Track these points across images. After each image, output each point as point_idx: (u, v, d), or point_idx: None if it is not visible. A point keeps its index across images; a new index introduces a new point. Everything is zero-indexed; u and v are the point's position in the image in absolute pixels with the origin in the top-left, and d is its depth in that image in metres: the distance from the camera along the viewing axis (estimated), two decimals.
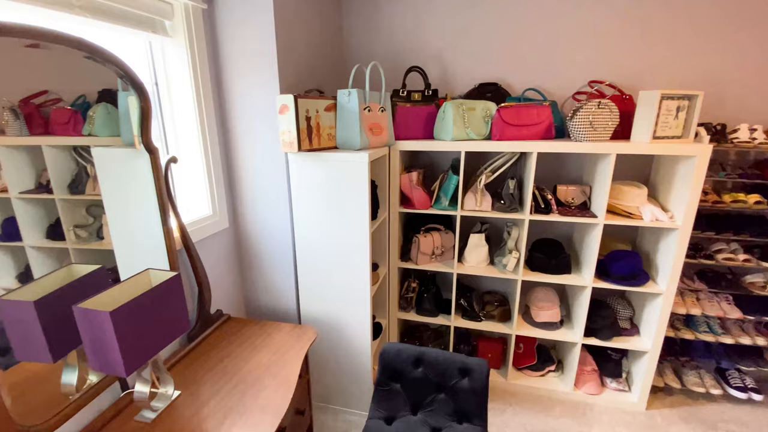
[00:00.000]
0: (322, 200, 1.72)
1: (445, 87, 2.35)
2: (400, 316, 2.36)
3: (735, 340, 2.05)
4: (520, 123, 1.90)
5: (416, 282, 2.39)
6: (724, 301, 2.08)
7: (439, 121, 2.01)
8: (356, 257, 1.76)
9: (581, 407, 2.15)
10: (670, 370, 2.26)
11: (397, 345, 1.58)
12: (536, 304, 2.22)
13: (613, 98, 1.92)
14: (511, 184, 2.06)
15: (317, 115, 1.67)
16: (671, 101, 1.71)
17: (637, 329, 2.14)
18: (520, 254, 2.08)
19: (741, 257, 1.96)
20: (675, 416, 2.09)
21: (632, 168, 2.17)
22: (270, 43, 1.60)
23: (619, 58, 2.09)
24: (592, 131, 1.80)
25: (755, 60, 1.95)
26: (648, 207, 1.87)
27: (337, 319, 1.90)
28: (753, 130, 1.89)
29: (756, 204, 1.88)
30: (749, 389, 2.11)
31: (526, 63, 2.21)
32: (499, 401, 2.20)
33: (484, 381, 1.44)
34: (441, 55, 2.30)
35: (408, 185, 2.11)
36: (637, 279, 1.97)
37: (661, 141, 1.75)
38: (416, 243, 2.20)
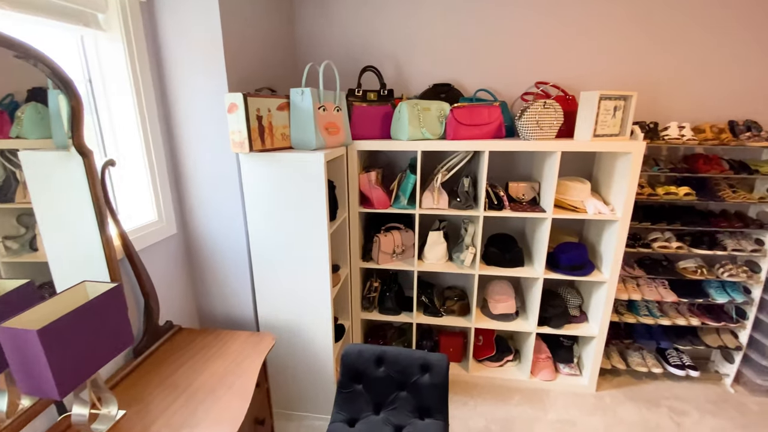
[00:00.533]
0: (278, 202, 1.68)
1: (400, 87, 2.36)
2: (364, 316, 2.35)
3: (672, 321, 2.23)
4: (472, 123, 1.95)
5: (378, 281, 2.39)
6: (661, 286, 2.26)
7: (395, 121, 2.02)
8: (315, 259, 1.73)
9: (538, 394, 2.25)
10: (616, 353, 2.42)
11: (358, 346, 1.57)
12: (493, 297, 2.29)
13: (557, 99, 2.02)
14: (465, 182, 2.12)
15: (269, 114, 1.62)
16: (609, 101, 1.83)
17: (586, 316, 2.28)
18: (477, 250, 2.14)
19: (674, 245, 2.14)
20: (622, 396, 2.24)
21: (577, 164, 2.31)
22: (216, 40, 1.54)
23: (563, 60, 2.21)
24: (538, 130, 1.88)
25: (682, 64, 2.13)
26: (591, 201, 1.99)
27: (297, 323, 1.86)
28: (681, 128, 2.07)
29: (686, 195, 2.06)
30: (686, 366, 2.30)
31: (478, 64, 2.28)
32: (461, 394, 2.25)
33: (444, 376, 1.47)
34: (396, 55, 2.32)
35: (367, 185, 2.10)
36: (584, 269, 2.09)
37: (601, 139, 1.87)
38: (377, 242, 2.20)
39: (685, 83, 2.16)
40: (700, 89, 2.16)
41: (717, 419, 2.07)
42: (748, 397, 2.24)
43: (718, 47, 2.09)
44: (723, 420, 2.07)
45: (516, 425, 2.02)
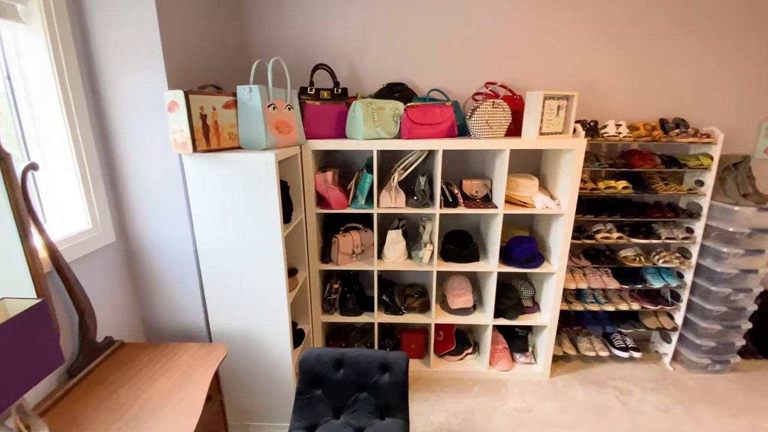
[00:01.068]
0: (227, 205, 1.60)
1: (354, 86, 2.35)
2: (324, 319, 2.31)
3: (615, 307, 2.39)
4: (425, 122, 1.98)
5: (338, 283, 2.36)
6: (605, 275, 2.41)
7: (350, 120, 2.00)
8: (270, 264, 1.68)
9: (496, 384, 2.32)
10: (567, 340, 2.56)
11: (317, 350, 1.54)
12: (452, 292, 2.34)
13: (506, 99, 2.09)
14: (422, 181, 2.14)
15: (215, 112, 1.55)
16: (553, 101, 1.92)
17: (538, 306, 2.38)
18: (434, 247, 2.17)
19: (615, 235, 2.28)
20: (573, 380, 2.37)
21: (525, 161, 2.41)
22: (152, 33, 1.44)
23: (511, 61, 2.29)
24: (488, 129, 1.94)
25: (618, 66, 2.28)
26: (539, 196, 2.09)
27: (253, 331, 1.79)
28: (618, 126, 2.21)
29: (624, 189, 2.21)
30: (630, 348, 2.47)
31: (430, 65, 2.31)
32: (424, 389, 2.28)
33: (403, 374, 1.47)
34: (349, 54, 2.30)
35: (323, 185, 2.07)
36: (535, 261, 2.19)
37: (546, 137, 1.96)
38: (336, 243, 2.17)
39: (621, 84, 2.32)
40: (635, 90, 2.33)
41: (658, 396, 2.24)
42: (685, 373, 2.44)
43: (650, 52, 2.26)
44: (663, 396, 2.24)
45: (476, 416, 2.07)
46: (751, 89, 2.32)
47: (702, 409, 2.13)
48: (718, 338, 2.35)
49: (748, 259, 2.20)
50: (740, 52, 2.26)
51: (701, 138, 2.14)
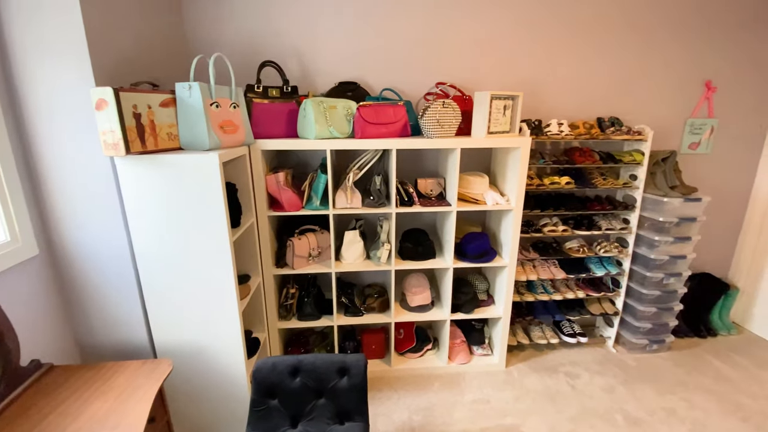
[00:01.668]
0: (168, 210, 1.49)
1: (305, 84, 2.29)
2: (282, 325, 2.24)
3: (563, 296, 2.52)
4: (379, 121, 1.97)
5: (295, 287, 2.30)
6: (553, 266, 2.54)
7: (301, 119, 1.95)
8: (218, 271, 1.59)
9: (456, 378, 2.37)
10: (520, 330, 2.66)
11: (271, 359, 1.48)
12: (410, 290, 2.35)
13: (455, 98, 2.14)
14: (377, 181, 2.13)
15: (150, 111, 1.44)
16: (499, 101, 1.99)
17: (493, 299, 2.46)
18: (392, 246, 2.17)
19: (560, 228, 2.41)
20: (527, 368, 2.47)
21: (476, 160, 2.48)
22: (75, 22, 1.31)
23: (461, 62, 2.34)
24: (439, 128, 1.97)
25: (560, 67, 2.41)
26: (490, 193, 2.15)
27: (202, 344, 1.69)
28: (561, 124, 2.33)
29: (567, 184, 2.33)
30: (577, 334, 2.62)
31: (383, 64, 2.30)
32: (386, 389, 2.27)
33: (362, 376, 1.45)
34: (300, 51, 2.24)
35: (275, 186, 2.00)
36: (488, 256, 2.25)
37: (494, 136, 2.03)
38: (291, 247, 2.11)
39: (563, 85, 2.45)
40: (575, 90, 2.47)
41: (603, 377, 2.39)
42: (627, 354, 2.63)
43: (588, 55, 2.40)
44: (608, 377, 2.39)
45: (436, 412, 2.10)
46: (676, 90, 2.55)
47: (642, 388, 2.30)
48: (654, 320, 2.55)
49: (677, 245, 2.41)
50: (667, 57, 2.47)
51: (634, 135, 2.31)
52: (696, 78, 2.54)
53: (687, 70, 2.52)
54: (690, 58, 2.49)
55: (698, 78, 2.54)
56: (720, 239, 2.94)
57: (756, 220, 2.83)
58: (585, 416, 2.08)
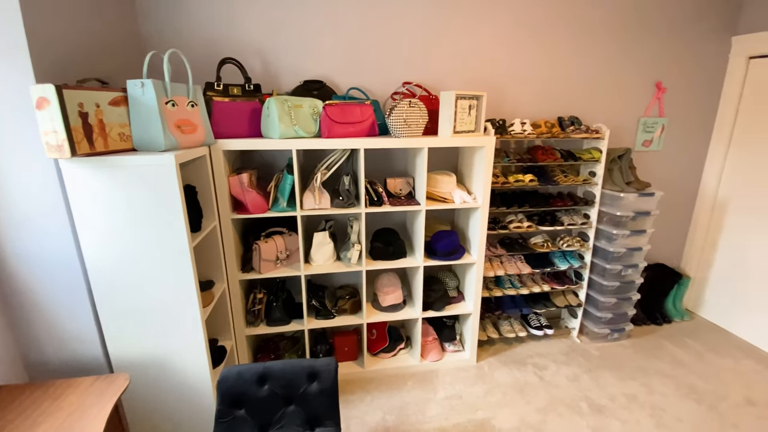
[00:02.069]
0: (120, 216, 1.40)
1: (269, 82, 2.23)
2: (250, 332, 2.17)
3: (529, 290, 2.59)
4: (346, 121, 1.95)
5: (263, 292, 2.23)
6: (519, 261, 2.61)
7: (265, 118, 1.89)
8: (178, 278, 1.51)
9: (428, 375, 2.39)
10: (490, 324, 2.72)
11: (237, 368, 1.42)
12: (382, 290, 2.35)
13: (422, 98, 2.15)
14: (346, 181, 2.11)
15: (99, 110, 1.35)
16: (464, 101, 2.01)
17: (463, 296, 2.50)
18: (362, 246, 2.16)
19: (525, 225, 2.47)
20: (497, 362, 2.53)
21: (444, 159, 2.50)
22: (13, 18, 1.21)
23: (427, 62, 2.36)
24: (407, 128, 1.97)
25: (523, 68, 2.47)
26: (458, 192, 2.18)
27: (163, 355, 1.60)
28: (524, 124, 2.39)
29: (530, 182, 2.40)
30: (544, 327, 2.70)
31: (350, 63, 2.28)
32: (359, 391, 2.25)
33: (333, 380, 1.43)
34: (262, 48, 2.18)
35: (239, 188, 1.93)
36: (457, 253, 2.28)
37: (460, 135, 2.05)
38: (257, 250, 2.05)
39: (526, 85, 2.52)
40: (538, 91, 2.54)
41: (569, 367, 2.48)
42: (591, 344, 2.74)
43: (549, 56, 2.48)
44: (573, 367, 2.48)
45: (410, 410, 2.10)
46: (631, 90, 2.68)
47: (605, 375, 2.41)
48: (614, 310, 2.67)
49: (634, 238, 2.54)
50: (621, 59, 2.59)
51: (592, 134, 2.40)
52: (647, 79, 2.68)
53: (639, 71, 2.65)
54: (642, 61, 2.63)
55: (650, 79, 2.69)
56: (672, 231, 3.12)
57: (704, 212, 3.03)
58: (552, 406, 2.14)
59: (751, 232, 2.74)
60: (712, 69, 2.78)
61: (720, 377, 2.38)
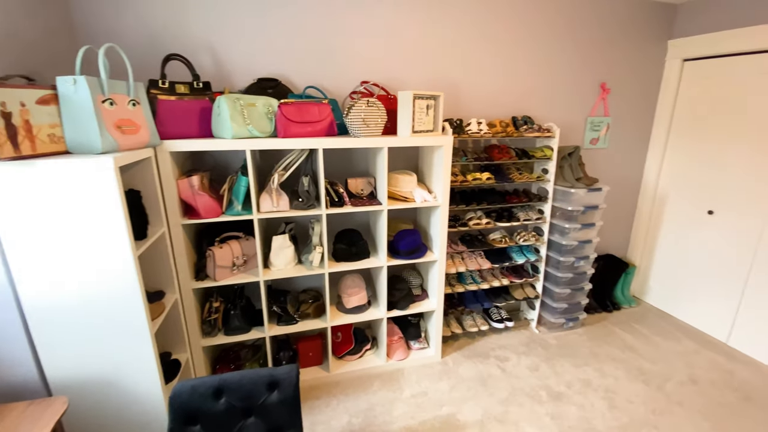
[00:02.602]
0: (53, 226, 1.28)
1: (221, 80, 2.13)
2: (206, 342, 2.06)
3: (490, 284, 2.66)
4: (303, 120, 1.90)
5: (220, 300, 2.14)
6: (479, 257, 2.67)
7: (215, 117, 1.81)
8: (121, 291, 1.40)
9: (395, 375, 2.39)
10: (453, 320, 2.77)
11: (190, 382, 1.34)
12: (346, 291, 2.32)
13: (381, 98, 2.14)
14: (305, 182, 2.06)
15: (24, 110, 1.22)
16: (422, 100, 2.03)
17: (426, 293, 2.52)
18: (324, 248, 2.12)
19: (484, 221, 2.54)
20: (461, 357, 2.57)
21: (405, 158, 2.51)
22: None
23: (386, 62, 2.35)
24: (365, 127, 1.96)
25: (477, 69, 2.53)
26: (419, 191, 2.19)
27: (108, 373, 1.48)
28: (480, 123, 2.45)
29: (487, 180, 2.46)
30: (504, 320, 2.79)
31: (306, 61, 2.23)
32: (324, 396, 2.21)
33: (294, 388, 1.38)
34: (213, 45, 2.08)
35: (189, 192, 1.83)
36: (420, 252, 2.30)
37: (419, 135, 2.07)
38: (211, 257, 1.95)
39: (482, 85, 2.58)
40: (493, 91, 2.61)
41: (529, 357, 2.58)
42: (548, 334, 2.86)
43: (504, 57, 2.56)
44: (533, 357, 2.58)
45: (376, 411, 2.09)
46: (578, 91, 2.82)
47: (562, 363, 2.52)
48: (568, 300, 2.81)
49: (584, 231, 2.68)
50: (570, 61, 2.72)
51: (543, 133, 2.51)
52: (593, 80, 2.84)
53: (586, 73, 2.80)
54: (588, 63, 2.78)
55: (595, 80, 2.85)
56: (618, 223, 3.33)
57: (646, 205, 3.26)
58: (514, 396, 2.21)
59: (687, 222, 2.97)
60: (650, 71, 2.99)
61: (665, 359, 2.56)
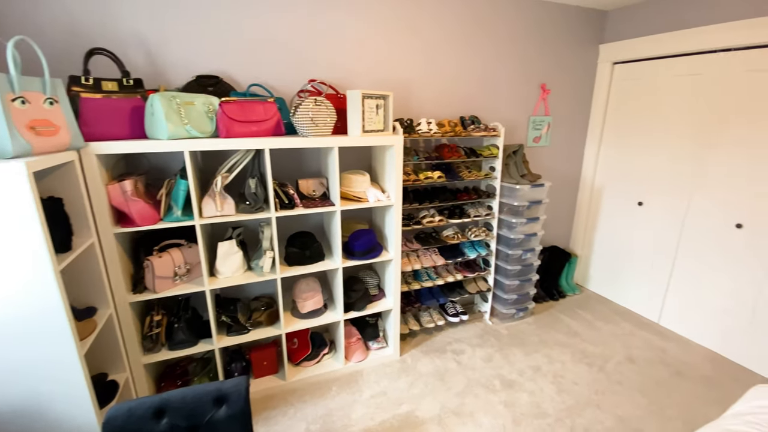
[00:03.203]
0: None
1: (156, 77, 1.99)
2: (148, 359, 1.91)
3: (444, 280, 2.72)
4: (247, 119, 1.81)
5: (161, 313, 1.99)
6: (434, 254, 2.72)
7: (149, 117, 1.67)
8: (41, 311, 1.25)
9: (354, 376, 2.36)
10: (411, 317, 2.79)
11: (126, 404, 1.23)
12: (301, 296, 2.25)
13: (330, 97, 2.10)
14: (252, 184, 1.97)
15: None
16: (371, 100, 2.02)
17: (384, 293, 2.52)
18: (275, 253, 2.04)
19: (437, 219, 2.58)
20: (419, 353, 2.60)
21: (357, 158, 2.49)
22: None
23: (335, 60, 2.31)
24: (314, 127, 1.91)
25: (428, 69, 2.57)
26: (372, 191, 2.18)
27: (32, 404, 1.32)
28: (429, 123, 2.49)
29: (439, 178, 2.51)
30: (459, 314, 2.86)
31: (250, 57, 2.13)
32: (281, 405, 2.14)
33: (243, 402, 1.31)
34: (145, 39, 1.93)
35: (121, 198, 1.68)
36: (375, 251, 2.29)
37: (369, 134, 2.05)
38: (149, 267, 1.81)
39: (432, 86, 2.62)
40: (442, 91, 2.66)
41: (483, 349, 2.66)
42: (500, 325, 2.97)
43: (452, 59, 2.61)
44: (487, 348, 2.67)
45: (335, 416, 2.05)
46: (521, 92, 2.96)
47: (514, 352, 2.63)
48: (518, 291, 2.93)
49: (530, 225, 2.81)
50: (513, 63, 2.84)
51: (490, 132, 2.60)
52: (534, 81, 2.99)
53: (527, 74, 2.94)
54: (529, 65, 2.92)
55: (536, 82, 3.00)
56: (561, 216, 3.54)
57: (585, 198, 3.49)
58: (470, 388, 2.27)
59: (621, 213, 3.22)
60: (585, 73, 3.20)
61: (606, 341, 2.76)
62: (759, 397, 1.53)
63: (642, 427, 2.00)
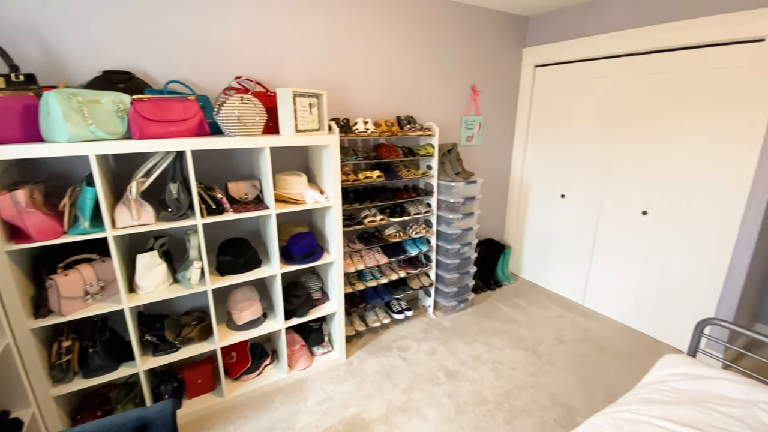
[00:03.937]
0: None
1: (54, 72, 1.75)
2: (58, 391, 1.68)
3: (388, 278, 2.73)
4: (164, 119, 1.67)
5: (71, 338, 1.76)
6: (377, 253, 2.72)
7: (44, 117, 1.47)
8: None
9: (298, 385, 2.29)
10: (357, 318, 2.77)
11: None
12: (236, 306, 2.13)
13: (259, 95, 2.01)
14: (173, 189, 1.81)
15: None
16: (303, 98, 1.96)
17: (327, 296, 2.47)
18: (204, 263, 1.90)
19: (379, 218, 2.59)
20: (365, 354, 2.59)
21: (294, 159, 2.41)
22: None
23: (267, 57, 2.21)
24: (241, 126, 1.81)
25: (364, 69, 2.55)
26: (309, 192, 2.12)
27: None
28: (366, 123, 2.48)
29: (378, 178, 2.51)
30: (404, 310, 2.90)
31: (168, 52, 1.96)
32: (219, 424, 2.00)
33: (170, 427, 1.21)
34: (38, 29, 1.69)
35: (13, 210, 1.46)
36: (315, 254, 2.24)
37: (303, 134, 1.99)
38: (53, 287, 1.59)
39: (369, 86, 2.62)
40: (379, 91, 2.67)
41: (428, 342, 2.72)
42: (443, 317, 3.06)
43: (386, 60, 2.62)
44: (431, 341, 2.73)
45: (278, 429, 1.96)
46: (454, 92, 3.06)
47: (456, 343, 2.72)
48: (458, 284, 3.04)
49: (466, 221, 2.93)
50: (446, 65, 2.93)
51: (425, 131, 2.66)
52: (465, 83, 3.11)
53: (459, 76, 3.05)
54: (460, 66, 3.03)
55: (466, 83, 3.12)
56: (494, 211, 3.73)
57: (515, 193, 3.71)
58: (415, 383, 2.31)
59: (547, 205, 3.48)
60: (511, 75, 3.40)
61: (538, 325, 2.96)
62: (667, 366, 1.73)
63: (571, 402, 2.17)
